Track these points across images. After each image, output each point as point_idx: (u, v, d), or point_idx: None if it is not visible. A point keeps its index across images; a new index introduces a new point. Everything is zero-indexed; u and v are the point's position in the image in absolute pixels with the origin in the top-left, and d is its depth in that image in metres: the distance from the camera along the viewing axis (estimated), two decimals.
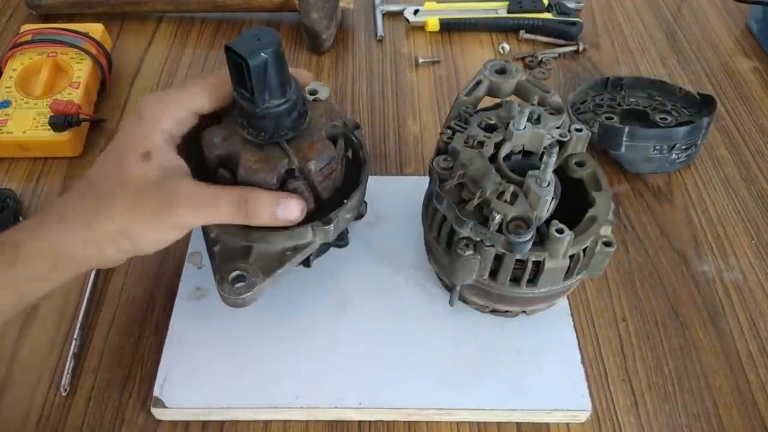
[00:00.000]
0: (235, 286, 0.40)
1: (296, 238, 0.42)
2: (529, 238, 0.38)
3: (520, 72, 0.47)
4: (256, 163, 0.40)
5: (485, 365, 0.46)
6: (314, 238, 0.43)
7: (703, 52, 0.76)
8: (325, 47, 0.73)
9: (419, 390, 0.45)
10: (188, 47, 0.74)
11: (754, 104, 0.70)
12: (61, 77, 0.65)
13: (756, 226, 0.58)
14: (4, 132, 0.60)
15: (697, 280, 0.54)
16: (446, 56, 0.74)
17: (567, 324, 0.48)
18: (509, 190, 0.39)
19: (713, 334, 0.50)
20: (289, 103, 0.40)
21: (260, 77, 0.37)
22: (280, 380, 0.45)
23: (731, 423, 0.46)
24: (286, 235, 0.42)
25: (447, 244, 0.43)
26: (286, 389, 0.44)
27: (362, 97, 0.69)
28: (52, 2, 0.75)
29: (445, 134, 0.44)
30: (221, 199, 0.40)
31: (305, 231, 0.42)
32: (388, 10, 0.79)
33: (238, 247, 0.42)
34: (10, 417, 0.44)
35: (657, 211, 0.59)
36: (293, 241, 0.42)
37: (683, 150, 0.59)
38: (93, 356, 0.47)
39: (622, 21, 0.80)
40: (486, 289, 0.44)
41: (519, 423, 0.45)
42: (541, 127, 0.43)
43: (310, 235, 0.42)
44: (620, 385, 0.47)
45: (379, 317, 0.48)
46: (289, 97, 0.40)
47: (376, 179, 0.59)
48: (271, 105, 0.39)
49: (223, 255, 0.42)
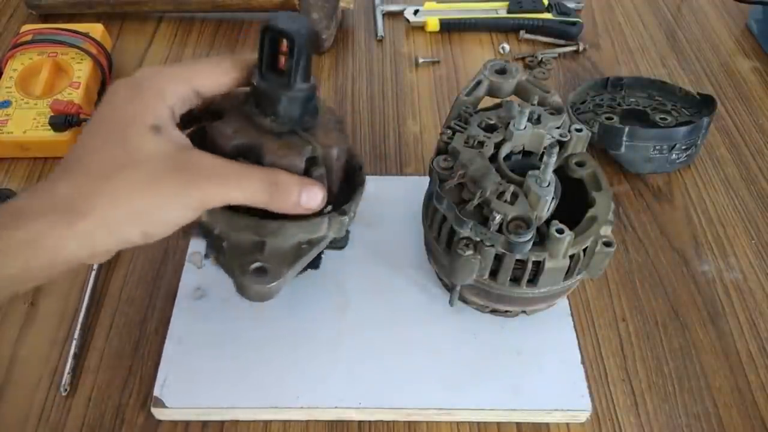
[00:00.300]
0: (260, 277, 0.38)
1: (312, 229, 0.40)
2: (529, 238, 0.38)
3: (520, 72, 0.47)
4: (280, 149, 0.39)
5: (485, 365, 0.46)
6: (329, 230, 0.41)
7: (703, 52, 0.76)
8: (325, 47, 0.73)
9: (419, 390, 0.45)
10: (188, 47, 0.74)
11: (754, 104, 0.70)
12: (62, 77, 0.65)
13: (756, 226, 0.58)
14: (4, 132, 0.60)
15: (697, 280, 0.54)
16: (446, 56, 0.74)
17: (567, 324, 0.48)
18: (509, 190, 0.39)
19: (713, 334, 0.50)
20: (312, 89, 0.39)
21: (301, 55, 0.37)
22: (280, 380, 0.45)
23: (731, 423, 0.46)
24: (303, 227, 0.40)
25: (447, 244, 0.43)
26: (286, 389, 0.44)
27: (362, 97, 0.69)
28: (52, 2, 0.75)
29: (445, 134, 0.44)
30: (250, 176, 0.36)
31: (321, 222, 0.40)
32: (388, 10, 0.79)
33: (248, 242, 0.40)
34: (10, 417, 0.44)
35: (657, 211, 0.59)
36: (308, 234, 0.40)
37: (683, 150, 0.59)
38: (93, 356, 0.47)
39: (622, 21, 0.80)
40: (486, 289, 0.44)
41: (519, 423, 0.45)
42: (541, 127, 0.43)
43: (325, 227, 0.41)
44: (620, 385, 0.47)
45: (379, 317, 0.48)
46: (313, 82, 0.39)
47: (376, 179, 0.59)
48: (302, 88, 0.38)
49: (233, 251, 0.39)
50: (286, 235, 0.40)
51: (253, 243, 0.39)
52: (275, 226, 0.39)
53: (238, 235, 0.39)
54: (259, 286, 0.38)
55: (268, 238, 0.39)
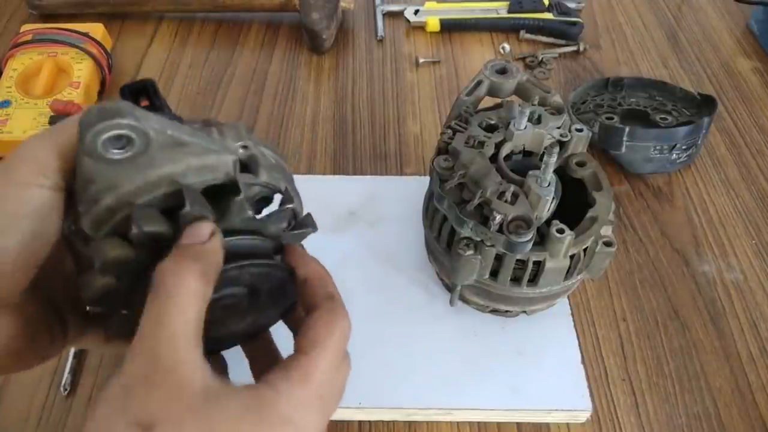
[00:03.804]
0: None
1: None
2: (530, 238, 0.38)
3: (520, 72, 0.47)
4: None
5: (485, 365, 0.46)
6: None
7: (703, 52, 0.76)
8: (326, 47, 0.73)
9: (419, 390, 0.45)
10: (188, 47, 0.74)
11: (755, 104, 0.70)
12: (62, 77, 0.65)
13: (756, 226, 0.58)
14: (4, 132, 0.60)
15: (697, 280, 0.54)
16: (447, 56, 0.74)
17: (567, 324, 0.48)
18: (510, 190, 0.39)
19: (713, 334, 0.50)
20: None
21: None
22: None
23: (731, 423, 0.46)
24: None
25: (447, 244, 0.43)
26: None
27: (362, 97, 0.69)
28: (53, 2, 0.75)
29: (445, 134, 0.44)
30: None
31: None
32: (388, 10, 0.79)
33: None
34: (10, 417, 0.44)
35: (657, 211, 0.59)
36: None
37: (684, 150, 0.59)
38: (93, 356, 0.47)
39: (623, 21, 0.80)
40: (486, 289, 0.44)
41: (519, 423, 0.45)
42: (542, 127, 0.43)
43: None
44: (620, 385, 0.47)
45: (380, 317, 0.48)
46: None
47: (376, 179, 0.59)
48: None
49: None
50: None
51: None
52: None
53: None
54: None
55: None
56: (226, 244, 0.29)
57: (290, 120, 0.66)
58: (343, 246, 0.52)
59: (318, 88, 0.70)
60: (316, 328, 0.30)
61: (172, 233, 0.28)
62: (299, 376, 0.28)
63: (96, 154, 0.26)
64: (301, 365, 0.29)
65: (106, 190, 0.27)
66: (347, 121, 0.66)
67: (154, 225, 0.28)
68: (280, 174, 0.33)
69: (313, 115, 0.67)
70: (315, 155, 0.63)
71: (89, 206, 0.28)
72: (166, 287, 0.26)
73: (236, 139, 0.31)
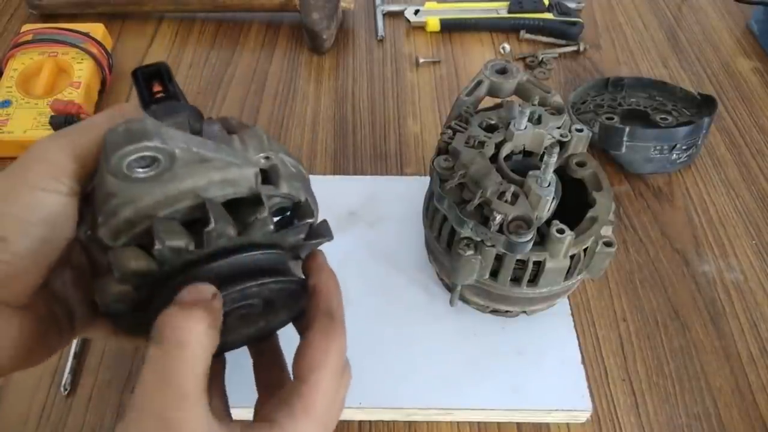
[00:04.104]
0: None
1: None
2: (530, 238, 0.38)
3: (520, 72, 0.47)
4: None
5: (485, 365, 0.46)
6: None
7: (703, 52, 0.76)
8: (326, 47, 0.73)
9: (419, 390, 0.45)
10: (189, 47, 0.74)
11: (755, 104, 0.70)
12: (62, 77, 0.66)
13: (756, 227, 0.58)
14: (4, 132, 0.60)
15: (697, 281, 0.54)
16: (447, 56, 0.74)
17: (567, 324, 0.48)
18: (510, 190, 0.39)
19: (713, 335, 0.50)
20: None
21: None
22: None
23: (731, 423, 0.46)
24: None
25: (448, 244, 0.43)
26: None
27: (363, 97, 0.69)
28: (53, 2, 0.75)
29: (445, 134, 0.44)
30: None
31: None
32: (388, 10, 0.79)
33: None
34: (10, 417, 0.44)
35: (657, 211, 0.59)
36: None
37: (684, 150, 0.59)
38: (93, 356, 0.47)
39: (623, 21, 0.80)
40: (486, 289, 0.44)
41: (519, 423, 0.45)
42: (542, 127, 0.43)
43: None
44: (620, 385, 0.47)
45: (380, 317, 0.48)
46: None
47: (376, 179, 0.59)
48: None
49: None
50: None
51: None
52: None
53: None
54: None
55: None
56: (249, 259, 0.29)
57: (290, 120, 0.66)
58: (343, 246, 0.52)
59: (318, 88, 0.70)
60: (312, 349, 0.30)
61: (194, 245, 0.28)
62: (302, 408, 0.28)
63: (121, 175, 0.26)
64: (303, 396, 0.29)
65: (127, 204, 0.27)
66: (347, 121, 0.66)
67: (177, 239, 0.27)
68: (299, 183, 0.33)
69: (314, 115, 0.67)
70: (315, 155, 0.63)
71: (108, 217, 0.27)
72: (173, 339, 0.25)
73: (258, 149, 0.31)
